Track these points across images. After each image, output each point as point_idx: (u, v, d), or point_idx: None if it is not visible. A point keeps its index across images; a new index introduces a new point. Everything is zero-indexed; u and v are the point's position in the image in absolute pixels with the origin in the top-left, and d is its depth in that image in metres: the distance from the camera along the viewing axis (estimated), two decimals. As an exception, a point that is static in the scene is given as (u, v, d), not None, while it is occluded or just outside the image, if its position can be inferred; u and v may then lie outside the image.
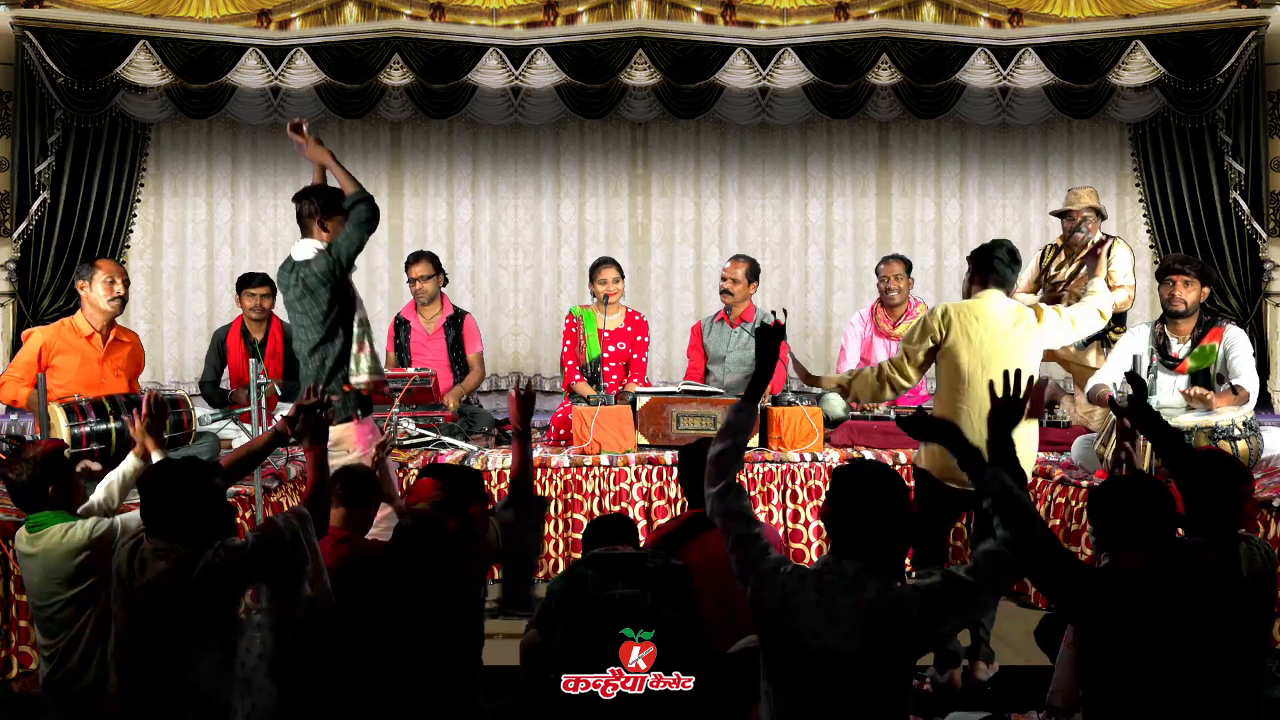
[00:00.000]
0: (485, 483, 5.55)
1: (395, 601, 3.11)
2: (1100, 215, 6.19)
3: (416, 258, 6.68)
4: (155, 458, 3.78)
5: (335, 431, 4.34)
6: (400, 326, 6.79)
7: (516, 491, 3.84)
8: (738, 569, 2.89)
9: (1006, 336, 4.25)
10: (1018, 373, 3.08)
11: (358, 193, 4.57)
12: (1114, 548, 3.02)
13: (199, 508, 3.21)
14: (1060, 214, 6.33)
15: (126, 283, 5.35)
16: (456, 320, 6.71)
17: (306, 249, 4.60)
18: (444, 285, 6.79)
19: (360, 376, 4.66)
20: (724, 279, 6.54)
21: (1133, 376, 3.59)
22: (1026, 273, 6.27)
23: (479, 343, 6.76)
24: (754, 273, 6.54)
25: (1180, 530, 3.15)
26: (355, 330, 4.71)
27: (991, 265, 4.35)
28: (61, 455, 3.67)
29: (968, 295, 4.45)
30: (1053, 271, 6.28)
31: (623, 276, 6.62)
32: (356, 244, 4.52)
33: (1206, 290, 5.17)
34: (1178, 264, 5.20)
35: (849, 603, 2.67)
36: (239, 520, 4.63)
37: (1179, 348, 5.15)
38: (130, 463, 3.91)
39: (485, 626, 3.34)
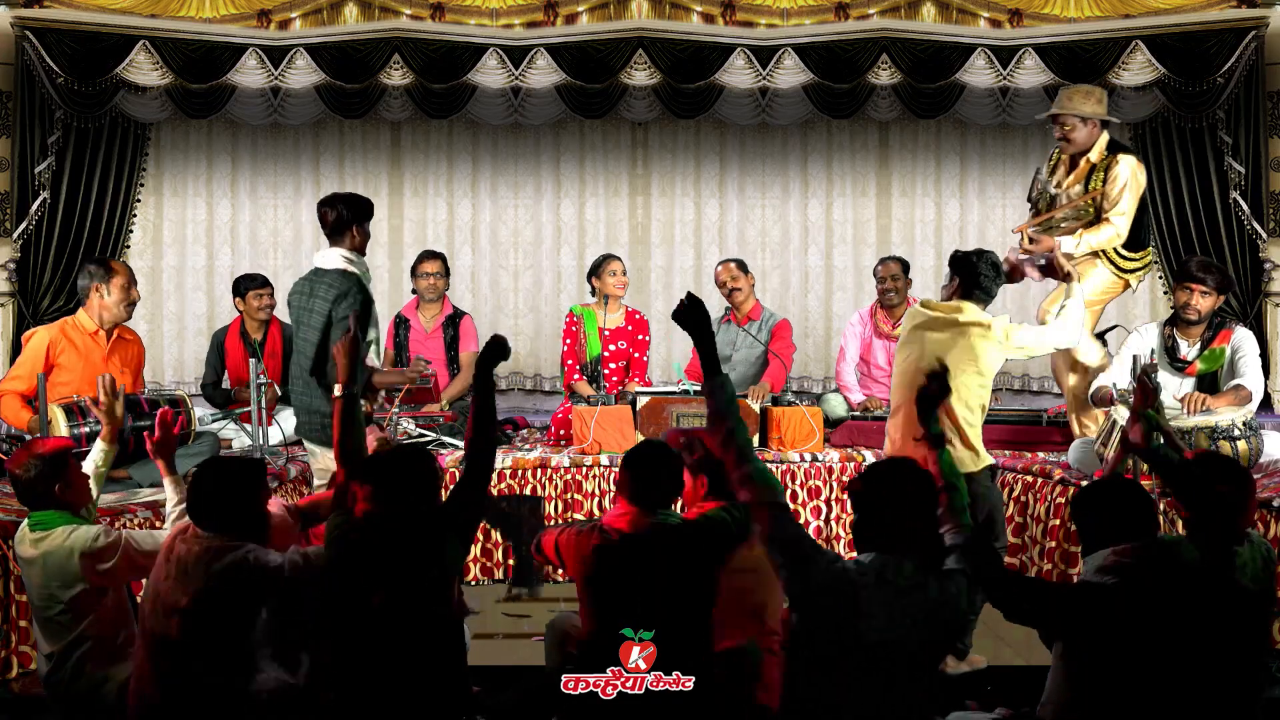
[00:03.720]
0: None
1: (370, 601, 3.13)
2: (1098, 124, 5.38)
3: (432, 255, 6.74)
4: (167, 484, 3.80)
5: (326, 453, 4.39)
6: (400, 325, 6.81)
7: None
8: (793, 567, 2.90)
9: (947, 349, 4.25)
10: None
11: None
12: (1096, 549, 3.05)
13: (244, 506, 3.31)
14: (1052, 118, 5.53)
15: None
16: (455, 320, 6.75)
17: (334, 258, 4.59)
18: (446, 290, 6.82)
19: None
20: (723, 284, 6.55)
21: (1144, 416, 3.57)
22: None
23: (474, 343, 6.76)
24: (744, 265, 6.67)
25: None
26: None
27: (977, 281, 4.32)
28: (68, 454, 3.66)
29: (947, 299, 4.43)
30: (1053, 189, 5.52)
31: (626, 274, 6.65)
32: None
33: (1221, 299, 5.13)
34: (1199, 272, 5.10)
35: (915, 601, 2.83)
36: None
37: (1188, 350, 5.14)
38: (99, 449, 3.92)
39: (485, 627, 3.33)
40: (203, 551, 3.23)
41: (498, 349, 3.52)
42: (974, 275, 4.32)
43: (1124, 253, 5.40)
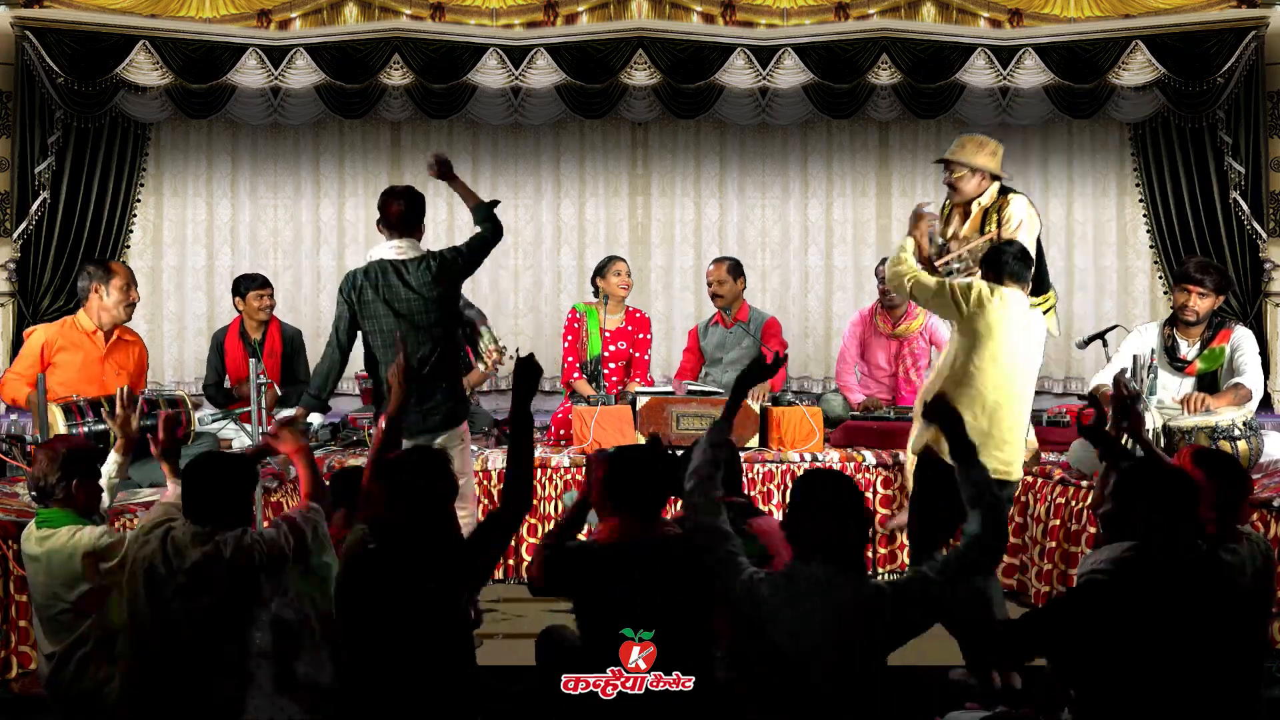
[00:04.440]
0: (484, 481, 5.56)
1: (379, 609, 3.12)
2: (988, 176, 5.30)
3: None
4: (170, 486, 3.74)
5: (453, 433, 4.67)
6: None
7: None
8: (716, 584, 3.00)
9: (1021, 336, 4.30)
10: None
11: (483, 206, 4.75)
12: (1122, 533, 3.02)
13: (243, 495, 3.37)
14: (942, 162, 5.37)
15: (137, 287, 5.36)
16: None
17: (410, 248, 4.64)
18: None
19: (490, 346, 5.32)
20: (709, 284, 6.55)
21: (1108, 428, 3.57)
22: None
23: (479, 343, 6.75)
24: (737, 269, 6.54)
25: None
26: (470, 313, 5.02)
27: (1003, 265, 4.37)
28: (90, 455, 3.67)
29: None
30: (949, 234, 5.37)
31: (630, 275, 6.64)
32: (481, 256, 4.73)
33: (1220, 299, 5.12)
34: (1198, 273, 5.07)
35: (822, 603, 2.80)
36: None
37: (1188, 350, 5.13)
38: (113, 460, 3.93)
39: (485, 627, 3.32)
40: (214, 550, 3.22)
41: (529, 373, 3.37)
42: (1000, 260, 4.38)
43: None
